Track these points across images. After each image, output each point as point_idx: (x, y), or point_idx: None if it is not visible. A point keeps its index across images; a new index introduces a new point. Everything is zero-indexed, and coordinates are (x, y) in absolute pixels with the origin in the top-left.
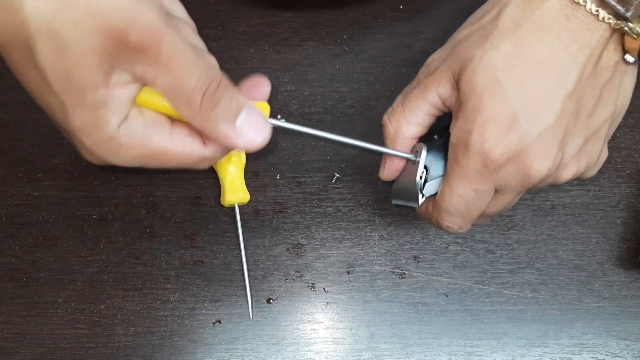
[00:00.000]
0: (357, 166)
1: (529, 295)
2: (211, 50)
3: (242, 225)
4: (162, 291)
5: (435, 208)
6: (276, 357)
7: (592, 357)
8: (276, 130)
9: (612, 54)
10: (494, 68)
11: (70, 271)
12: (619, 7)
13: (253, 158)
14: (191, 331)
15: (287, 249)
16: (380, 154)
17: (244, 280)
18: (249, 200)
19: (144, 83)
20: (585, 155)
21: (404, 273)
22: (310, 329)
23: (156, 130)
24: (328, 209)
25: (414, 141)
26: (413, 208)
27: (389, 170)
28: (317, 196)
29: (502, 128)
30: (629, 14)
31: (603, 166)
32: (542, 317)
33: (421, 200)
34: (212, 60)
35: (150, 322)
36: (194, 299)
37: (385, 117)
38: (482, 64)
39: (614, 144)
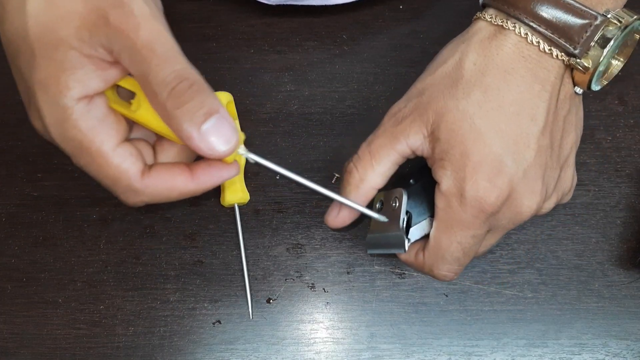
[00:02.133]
0: None
1: (529, 295)
2: (211, 50)
3: (242, 225)
4: (162, 291)
5: (429, 258)
6: (276, 357)
7: (592, 357)
8: (276, 130)
9: (567, 87)
10: (471, 116)
11: (70, 271)
12: (567, 45)
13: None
14: (191, 331)
15: (287, 249)
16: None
17: (243, 281)
18: (249, 200)
19: (122, 69)
20: (561, 184)
21: (404, 273)
22: (310, 329)
23: (107, 130)
24: (328, 209)
25: (376, 191)
26: (393, 255)
27: (341, 220)
28: (317, 196)
29: (492, 172)
30: (577, 51)
31: (603, 166)
32: (542, 317)
33: (407, 245)
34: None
35: (150, 322)
36: (193, 299)
37: (351, 165)
38: (458, 114)
39: (614, 144)
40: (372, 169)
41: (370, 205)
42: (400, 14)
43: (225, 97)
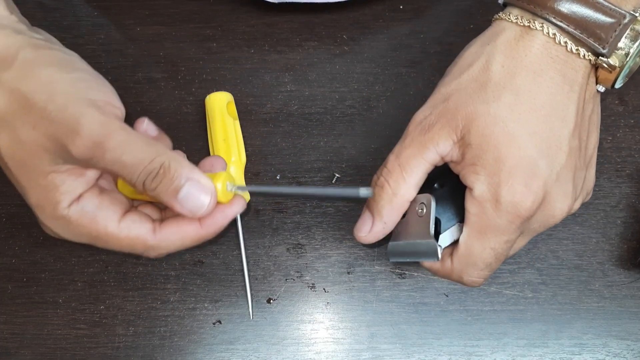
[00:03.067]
0: (357, 166)
1: (529, 295)
2: (211, 50)
3: (242, 225)
4: (162, 291)
5: (459, 264)
6: (276, 357)
7: (593, 357)
8: (276, 130)
9: (591, 87)
10: (503, 120)
11: (71, 271)
12: (595, 44)
13: (253, 158)
14: (191, 331)
15: (287, 249)
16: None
17: (244, 281)
18: (249, 200)
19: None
20: (586, 184)
21: (404, 273)
22: (311, 329)
23: (105, 214)
24: (328, 209)
25: (408, 204)
26: (416, 263)
27: (374, 236)
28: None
29: (527, 176)
30: (605, 51)
31: (603, 166)
32: (542, 317)
33: (440, 252)
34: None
35: (150, 323)
36: (194, 299)
37: (382, 179)
38: (490, 118)
39: (614, 144)
40: (404, 182)
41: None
42: (400, 14)
43: (225, 97)
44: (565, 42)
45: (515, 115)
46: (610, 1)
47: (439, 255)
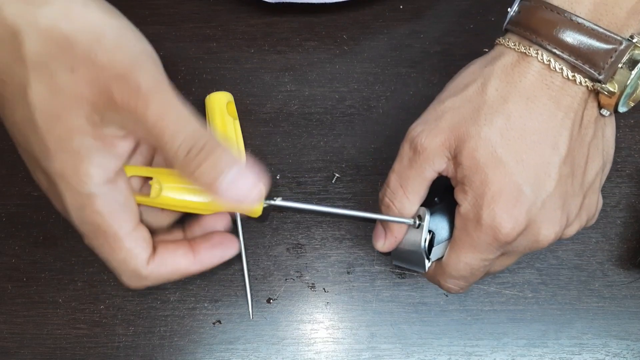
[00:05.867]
0: (357, 166)
1: (529, 295)
2: (211, 50)
3: (242, 225)
4: (162, 291)
5: (438, 271)
6: (276, 357)
7: (592, 357)
8: (276, 130)
9: (590, 111)
10: (492, 144)
11: (71, 271)
12: (591, 71)
13: (253, 158)
14: (191, 331)
15: (287, 249)
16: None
17: (244, 280)
18: None
19: (131, 140)
20: (585, 210)
21: (404, 273)
22: (311, 329)
23: (126, 215)
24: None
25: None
26: (415, 271)
27: (390, 243)
28: (317, 196)
29: (510, 201)
30: (601, 77)
31: None
32: (542, 317)
33: (428, 265)
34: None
35: (150, 322)
36: (194, 299)
37: (386, 199)
38: (480, 141)
39: None
40: (408, 201)
41: None
42: (400, 14)
43: (225, 97)
44: (561, 69)
45: (505, 141)
46: (608, 27)
47: (426, 268)
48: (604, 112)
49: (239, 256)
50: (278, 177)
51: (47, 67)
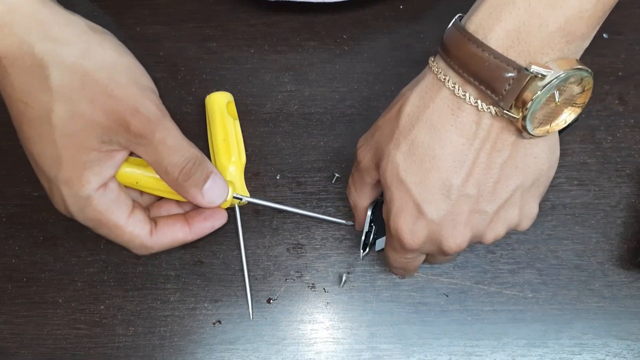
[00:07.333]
0: None
1: (529, 295)
2: (211, 50)
3: (242, 225)
4: (162, 291)
5: (384, 260)
6: (276, 357)
7: (593, 357)
8: (276, 130)
9: (506, 135)
10: (397, 166)
11: (71, 271)
12: (493, 96)
13: (253, 158)
14: (191, 331)
15: (287, 249)
16: None
17: (244, 281)
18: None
19: (126, 151)
20: (501, 221)
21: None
22: (311, 329)
23: (120, 207)
24: (328, 209)
25: (367, 210)
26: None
27: (357, 224)
28: (317, 196)
29: (411, 218)
30: (502, 103)
31: (603, 166)
32: (542, 317)
33: (362, 255)
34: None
35: (150, 323)
36: (194, 299)
37: (347, 192)
38: (389, 162)
39: (614, 144)
40: (358, 196)
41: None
42: (400, 14)
43: (225, 97)
44: (464, 95)
45: (407, 165)
46: (518, 55)
47: (361, 256)
48: (525, 135)
49: (239, 256)
50: (278, 177)
51: (69, 97)
